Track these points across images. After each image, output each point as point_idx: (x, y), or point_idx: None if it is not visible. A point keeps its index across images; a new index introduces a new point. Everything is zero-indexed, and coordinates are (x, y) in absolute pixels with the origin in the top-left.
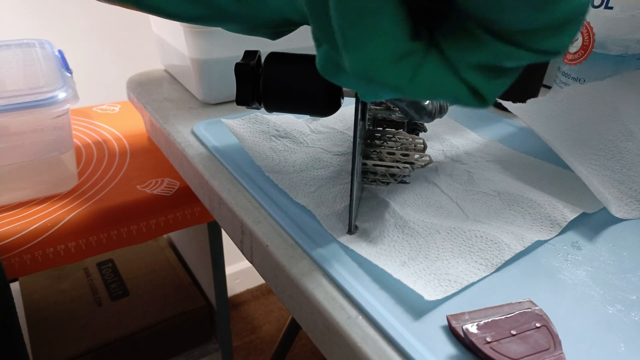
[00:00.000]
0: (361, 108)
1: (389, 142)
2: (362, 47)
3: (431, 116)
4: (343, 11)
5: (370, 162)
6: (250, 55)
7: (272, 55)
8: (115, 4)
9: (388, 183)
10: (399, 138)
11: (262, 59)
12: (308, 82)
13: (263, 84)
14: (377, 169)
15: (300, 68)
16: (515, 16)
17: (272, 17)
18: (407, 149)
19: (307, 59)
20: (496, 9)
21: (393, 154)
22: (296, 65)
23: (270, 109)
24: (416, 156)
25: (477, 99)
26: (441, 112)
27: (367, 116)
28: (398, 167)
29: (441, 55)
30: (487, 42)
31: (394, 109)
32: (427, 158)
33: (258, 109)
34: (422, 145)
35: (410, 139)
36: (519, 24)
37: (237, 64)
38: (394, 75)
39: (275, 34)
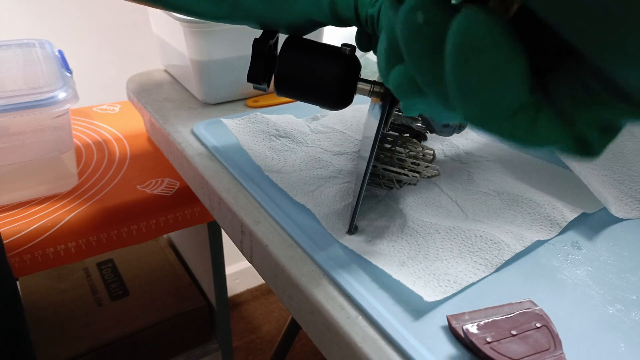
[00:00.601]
0: (386, 115)
1: (397, 147)
2: (482, 99)
3: (452, 131)
4: (466, 65)
5: (380, 166)
6: (269, 34)
7: (291, 40)
8: (139, 3)
9: (392, 188)
10: (409, 145)
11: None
12: (324, 73)
13: (278, 68)
14: (386, 174)
15: (318, 58)
16: None
17: (297, 17)
18: (416, 158)
19: (326, 50)
20: (628, 69)
21: (403, 161)
22: (314, 54)
23: (281, 92)
24: (425, 166)
25: (585, 150)
26: (460, 128)
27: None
28: (407, 175)
29: (554, 108)
30: (607, 100)
31: (417, 117)
32: (436, 171)
33: (265, 90)
34: (432, 156)
35: (421, 148)
36: None
37: (255, 40)
38: (510, 128)
39: (299, 33)
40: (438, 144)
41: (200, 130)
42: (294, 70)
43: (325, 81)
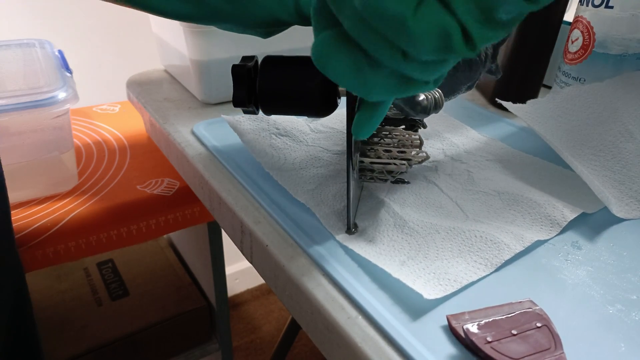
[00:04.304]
0: (357, 105)
1: (385, 139)
2: None
3: (426, 111)
4: None
5: (367, 160)
6: (247, 58)
7: (268, 59)
8: (110, 2)
9: (386, 180)
10: (396, 135)
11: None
12: (304, 83)
13: (259, 87)
14: (374, 167)
15: (296, 69)
16: None
17: (263, 16)
18: (403, 146)
19: (303, 61)
20: None
21: (390, 151)
22: (291, 67)
23: (268, 111)
24: (413, 152)
25: (468, 43)
26: (436, 107)
27: None
28: (395, 164)
29: None
30: None
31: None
32: (424, 154)
33: (255, 113)
34: (419, 141)
35: (407, 135)
36: None
37: (234, 66)
38: (401, 6)
39: (266, 33)
40: (438, 143)
41: (200, 130)
42: (275, 87)
43: (306, 90)
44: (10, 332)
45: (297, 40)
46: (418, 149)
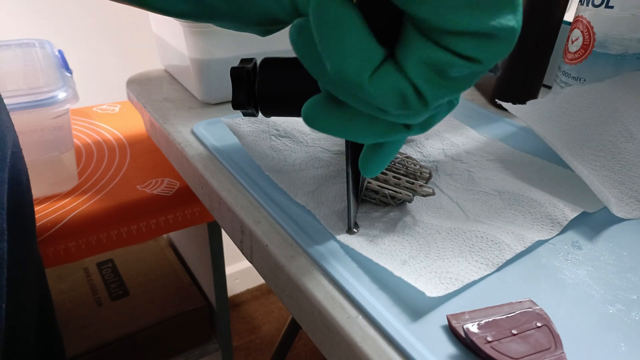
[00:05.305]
0: None
1: (397, 165)
2: (337, 53)
3: None
4: (320, 29)
5: (375, 183)
6: (246, 61)
7: (266, 61)
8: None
9: (387, 204)
10: (407, 162)
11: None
12: (302, 84)
13: (258, 88)
14: (381, 190)
15: (294, 71)
16: (442, 17)
17: (260, 15)
18: (414, 176)
19: (300, 63)
20: (428, 11)
21: (399, 178)
22: (290, 68)
23: (267, 113)
24: (419, 184)
25: (421, 100)
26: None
27: None
28: (400, 194)
29: (394, 61)
30: (420, 43)
31: None
32: (430, 190)
33: (254, 115)
34: (428, 175)
35: (419, 167)
36: (444, 24)
37: (232, 68)
38: (358, 73)
39: (264, 32)
40: (438, 143)
41: (200, 130)
42: (274, 88)
43: (305, 91)
44: (36, 331)
45: None
46: (424, 184)
